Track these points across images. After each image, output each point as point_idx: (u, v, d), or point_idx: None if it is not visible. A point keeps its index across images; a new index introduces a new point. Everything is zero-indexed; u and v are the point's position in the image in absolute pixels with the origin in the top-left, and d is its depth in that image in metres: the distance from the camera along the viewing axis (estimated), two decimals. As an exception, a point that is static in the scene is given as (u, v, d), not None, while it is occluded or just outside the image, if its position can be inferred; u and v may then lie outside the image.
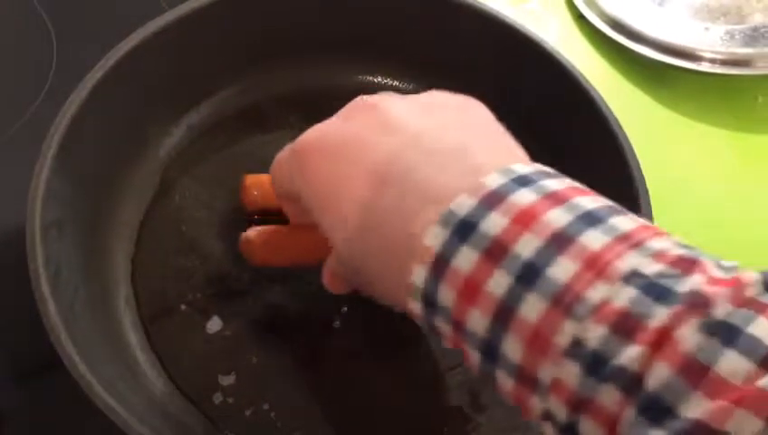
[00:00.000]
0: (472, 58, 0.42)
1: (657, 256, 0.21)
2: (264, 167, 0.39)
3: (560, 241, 0.22)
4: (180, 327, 0.34)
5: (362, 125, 0.27)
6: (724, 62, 0.48)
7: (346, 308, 0.35)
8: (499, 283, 0.22)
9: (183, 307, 0.35)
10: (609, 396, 0.20)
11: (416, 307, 0.25)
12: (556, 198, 0.23)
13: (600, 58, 0.50)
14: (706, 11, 0.51)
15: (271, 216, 0.36)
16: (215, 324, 0.34)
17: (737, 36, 0.49)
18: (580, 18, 0.52)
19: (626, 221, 0.22)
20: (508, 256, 0.22)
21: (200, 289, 0.35)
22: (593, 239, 0.22)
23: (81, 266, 0.32)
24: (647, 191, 0.35)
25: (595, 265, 0.21)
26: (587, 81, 0.38)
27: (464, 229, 0.23)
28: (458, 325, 0.23)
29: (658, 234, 0.22)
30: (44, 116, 0.35)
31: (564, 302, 0.21)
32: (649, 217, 0.34)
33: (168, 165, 0.39)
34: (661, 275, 0.20)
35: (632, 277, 0.21)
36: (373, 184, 0.26)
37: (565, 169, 0.39)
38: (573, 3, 0.52)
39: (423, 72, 0.43)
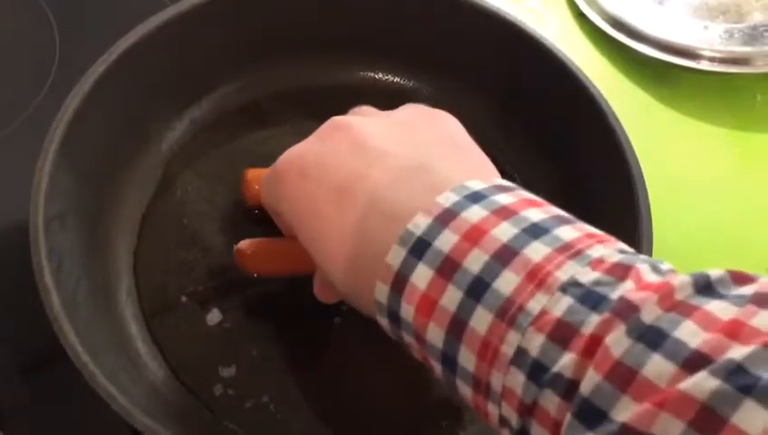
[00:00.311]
0: (472, 55, 0.42)
1: (595, 263, 0.22)
2: (264, 162, 0.39)
3: (505, 255, 0.23)
4: (181, 319, 0.34)
5: (334, 146, 0.29)
6: (723, 61, 0.48)
7: (346, 306, 0.35)
8: (452, 298, 0.23)
9: (184, 299, 0.35)
10: (550, 401, 0.21)
11: (384, 322, 0.26)
12: (505, 213, 0.24)
13: (600, 56, 0.50)
14: (706, 9, 0.51)
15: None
16: (215, 317, 0.34)
17: (736, 35, 0.49)
18: (580, 16, 0.52)
19: (569, 231, 0.23)
20: (459, 271, 0.23)
21: (201, 282, 0.35)
22: (535, 251, 0.23)
23: (84, 259, 0.33)
24: (645, 188, 0.35)
25: (536, 277, 0.22)
26: (587, 77, 0.39)
27: (420, 247, 0.24)
28: (420, 339, 0.24)
29: (601, 241, 0.23)
30: (47, 110, 0.35)
31: (509, 313, 0.22)
32: (648, 214, 0.34)
33: (170, 159, 0.39)
34: (597, 283, 0.21)
35: (569, 287, 0.21)
36: (338, 203, 0.27)
37: (564, 166, 0.40)
38: (573, 0, 0.52)
39: (423, 70, 0.44)
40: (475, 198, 0.25)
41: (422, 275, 0.24)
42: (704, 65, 0.48)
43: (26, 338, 0.34)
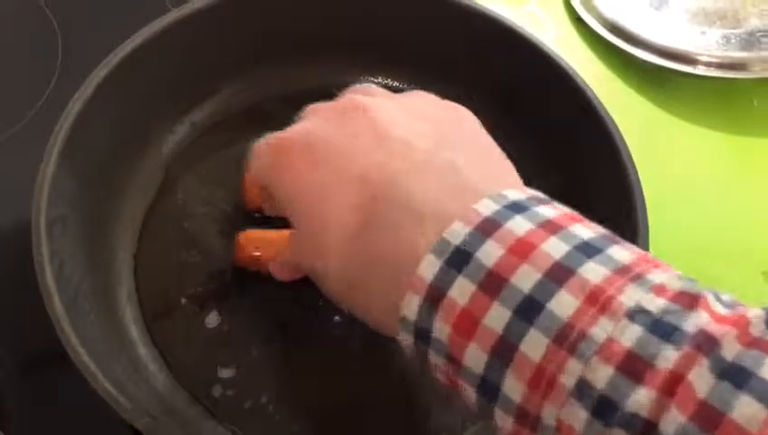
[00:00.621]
0: (471, 60, 0.42)
1: (658, 290, 0.20)
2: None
3: (559, 273, 0.21)
4: (181, 321, 0.35)
5: (350, 131, 0.26)
6: (720, 66, 0.49)
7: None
8: (498, 317, 0.21)
9: (183, 302, 0.35)
10: None
11: (406, 339, 0.24)
12: (552, 227, 0.22)
13: (598, 61, 0.51)
14: (703, 15, 0.51)
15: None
16: (214, 318, 0.35)
17: (733, 40, 0.49)
18: (578, 21, 0.52)
19: (623, 252, 0.22)
20: (506, 288, 0.21)
21: (201, 284, 0.36)
22: (593, 272, 0.21)
23: (85, 261, 0.33)
24: (642, 193, 0.35)
25: (597, 300, 0.20)
26: (584, 82, 0.39)
27: (459, 259, 0.22)
28: (454, 361, 0.22)
29: (657, 265, 0.22)
30: (50, 114, 0.35)
31: (568, 339, 0.20)
32: (645, 219, 0.34)
33: (171, 162, 0.40)
34: (666, 311, 0.20)
35: (636, 314, 0.20)
36: (353, 193, 0.25)
37: (562, 170, 0.40)
38: (571, 5, 0.53)
39: (424, 74, 0.44)
40: (517, 208, 0.22)
41: (462, 290, 0.21)
42: (701, 70, 0.48)
43: (27, 339, 0.35)
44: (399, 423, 0.34)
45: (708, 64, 0.49)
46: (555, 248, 0.21)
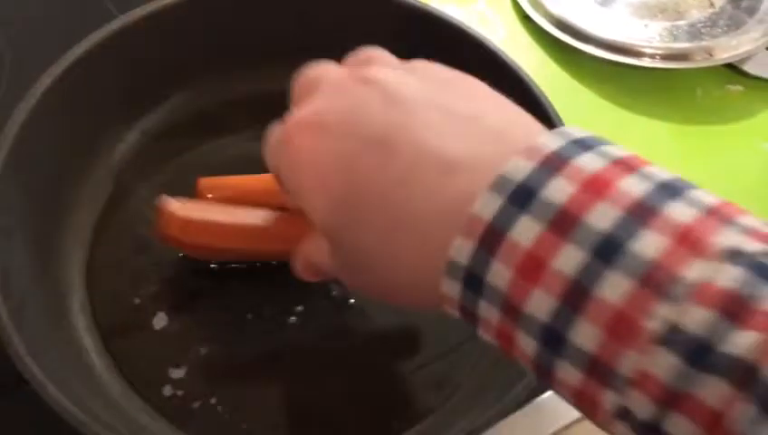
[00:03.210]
0: (419, 58, 0.43)
1: (751, 232, 0.19)
2: (218, 170, 0.39)
3: (641, 212, 0.19)
4: (134, 326, 0.34)
5: (362, 98, 0.24)
6: (664, 57, 0.50)
7: (302, 307, 0.36)
8: (570, 259, 0.19)
9: (136, 306, 0.35)
10: (714, 389, 0.17)
11: (452, 289, 0.22)
12: (625, 165, 0.20)
13: (546, 57, 0.52)
14: (645, 8, 0.52)
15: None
16: (165, 320, 0.35)
17: (675, 32, 0.51)
18: (525, 19, 0.53)
19: (706, 195, 0.20)
20: (580, 227, 0.19)
21: (153, 288, 0.36)
22: (680, 212, 0.19)
23: (33, 272, 0.33)
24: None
25: (687, 241, 0.18)
26: (528, 76, 0.39)
27: (523, 197, 0.20)
28: (512, 310, 0.20)
29: (742, 211, 0.20)
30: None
31: (655, 281, 0.18)
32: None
33: (122, 170, 0.39)
34: (765, 253, 0.18)
35: (733, 255, 0.18)
36: (375, 154, 0.23)
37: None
38: (519, 4, 0.54)
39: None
40: (583, 145, 0.21)
41: (527, 230, 0.19)
42: (646, 62, 0.50)
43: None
44: (349, 422, 0.34)
45: (653, 56, 0.50)
46: (635, 186, 0.20)
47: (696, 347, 0.18)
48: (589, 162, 0.20)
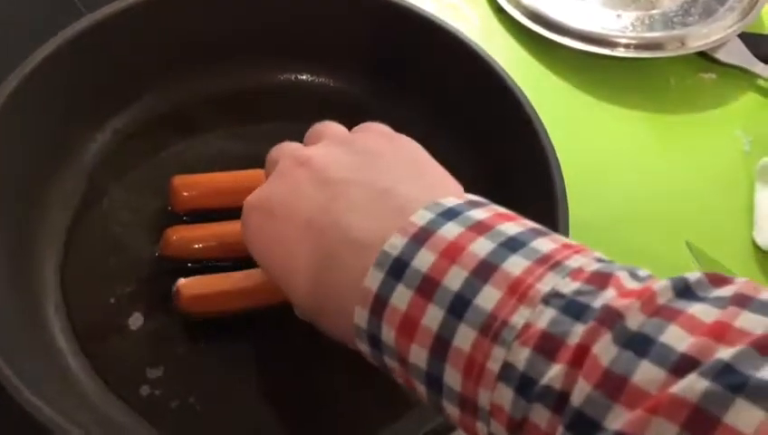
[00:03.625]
0: (393, 54, 0.43)
1: (575, 274, 0.22)
2: (191, 168, 0.39)
3: (484, 270, 0.23)
4: (110, 327, 0.34)
5: (296, 183, 0.29)
6: (637, 47, 0.50)
7: (280, 308, 0.36)
8: (433, 317, 0.23)
9: (112, 306, 0.35)
10: (540, 415, 0.21)
11: (364, 348, 0.26)
12: (481, 228, 0.24)
13: (521, 49, 0.52)
14: (618, -1, 0.53)
15: (199, 215, 0.37)
16: (141, 320, 0.34)
17: (648, 21, 0.51)
18: (499, 11, 0.53)
19: (546, 243, 0.23)
20: (439, 289, 0.23)
21: (128, 288, 0.35)
22: (514, 265, 0.22)
23: (5, 274, 0.32)
24: (560, 172, 0.36)
25: (517, 290, 0.22)
26: (503, 69, 0.40)
27: (398, 268, 0.24)
28: (403, 361, 0.24)
29: (578, 251, 0.23)
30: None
31: (492, 329, 0.22)
32: (564, 197, 0.35)
33: (95, 170, 0.39)
34: (578, 292, 0.21)
35: (551, 298, 0.21)
36: (306, 239, 0.27)
37: (486, 154, 0.40)
38: (493, -4, 0.54)
39: (348, 70, 0.44)
40: (450, 214, 0.24)
41: (402, 296, 0.23)
42: (619, 52, 0.50)
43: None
44: (329, 420, 0.34)
45: (626, 46, 0.50)
46: (482, 247, 0.23)
47: (524, 381, 0.21)
48: (449, 230, 0.24)
